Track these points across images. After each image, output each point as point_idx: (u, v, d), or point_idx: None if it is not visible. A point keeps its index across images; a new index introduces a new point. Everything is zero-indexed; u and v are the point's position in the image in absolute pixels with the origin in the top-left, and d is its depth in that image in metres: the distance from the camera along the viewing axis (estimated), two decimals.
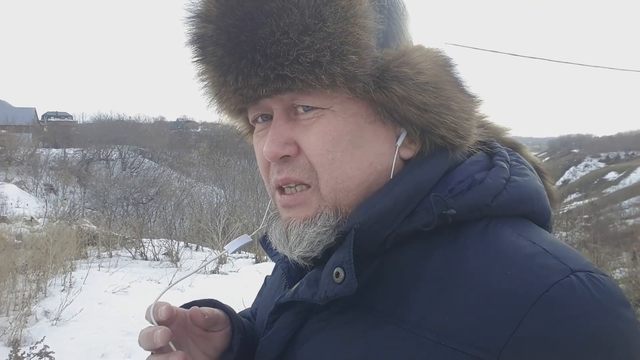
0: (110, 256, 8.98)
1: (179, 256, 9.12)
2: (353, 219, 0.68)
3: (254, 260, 9.80)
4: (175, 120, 56.98)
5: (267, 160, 0.72)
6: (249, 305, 1.13)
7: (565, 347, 0.53)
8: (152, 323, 0.74)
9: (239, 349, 0.82)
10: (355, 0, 0.65)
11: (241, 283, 7.49)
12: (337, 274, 0.64)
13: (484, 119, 0.83)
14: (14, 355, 3.32)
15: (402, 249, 0.67)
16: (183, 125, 51.57)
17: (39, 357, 3.33)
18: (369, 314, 0.66)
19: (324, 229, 0.69)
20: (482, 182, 0.68)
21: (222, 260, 8.98)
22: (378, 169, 0.70)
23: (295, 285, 0.74)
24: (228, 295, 6.75)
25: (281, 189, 0.73)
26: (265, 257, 9.85)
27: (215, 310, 0.83)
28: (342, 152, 0.68)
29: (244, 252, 10.82)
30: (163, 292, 0.83)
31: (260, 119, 0.75)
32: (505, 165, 0.72)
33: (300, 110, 0.69)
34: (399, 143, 0.70)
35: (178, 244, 9.74)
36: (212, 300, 0.88)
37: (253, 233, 0.94)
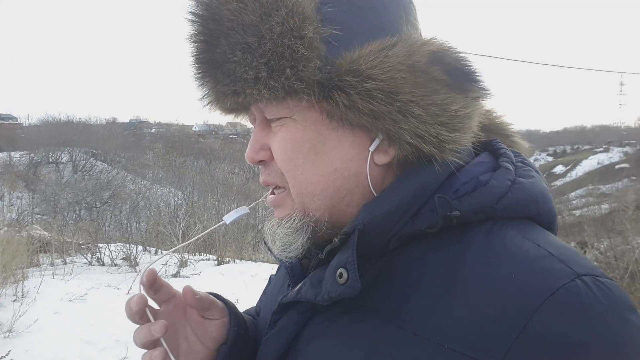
0: (65, 263, 8.62)
1: (138, 260, 8.88)
2: (357, 220, 0.67)
3: (216, 262, 9.66)
4: (128, 120, 55.46)
5: None
6: None
7: (570, 351, 0.54)
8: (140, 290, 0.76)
9: (234, 342, 0.82)
10: (294, 12, 0.65)
11: (204, 286, 7.34)
12: (341, 275, 0.65)
13: (486, 115, 0.81)
14: None
15: (406, 250, 0.68)
16: (137, 126, 50.22)
17: None
18: (372, 315, 0.66)
19: (289, 230, 0.72)
20: (487, 183, 0.67)
21: (182, 264, 8.80)
22: (345, 174, 0.70)
23: (299, 285, 0.74)
24: None
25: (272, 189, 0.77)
26: (227, 259, 9.73)
27: (211, 296, 0.84)
28: (304, 159, 0.70)
29: (205, 254, 10.66)
30: (151, 264, 0.81)
31: (252, 122, 0.78)
32: (510, 166, 0.71)
33: (272, 119, 0.72)
34: (372, 148, 0.69)
35: (136, 248, 9.48)
36: (215, 293, 0.88)
37: (251, 205, 0.94)
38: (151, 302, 0.78)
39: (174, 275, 8.23)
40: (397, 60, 0.66)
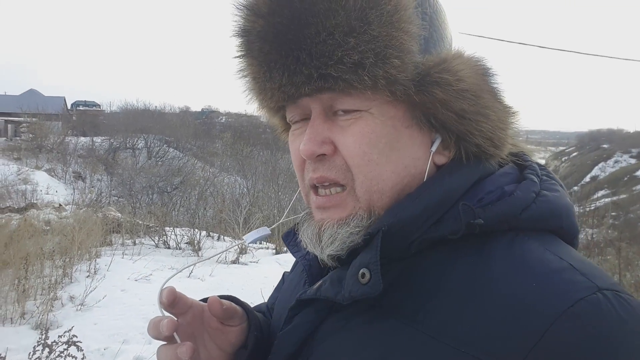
0: (134, 244, 9.17)
1: (201, 245, 9.26)
2: (381, 221, 0.68)
3: (274, 251, 9.89)
4: (200, 110, 57.59)
5: (302, 158, 0.73)
6: (267, 296, 1.14)
7: None
8: (161, 312, 0.75)
9: (254, 347, 0.82)
10: (400, 6, 0.66)
11: (261, 274, 7.58)
12: (363, 275, 0.65)
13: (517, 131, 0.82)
14: (42, 342, 3.42)
15: (427, 255, 0.68)
16: (207, 115, 52.03)
17: (66, 345, 3.43)
18: (389, 317, 0.66)
19: (356, 229, 0.70)
20: (511, 194, 0.68)
21: (242, 251, 9.08)
22: (412, 172, 0.71)
23: (318, 283, 0.75)
24: (247, 285, 6.85)
25: (315, 189, 0.74)
26: (285, 249, 9.92)
27: (234, 305, 0.84)
28: (379, 154, 0.69)
29: (264, 243, 10.92)
30: (168, 280, 0.81)
31: (297, 118, 0.76)
32: (535, 179, 0.72)
33: (340, 112, 0.70)
34: (434, 149, 0.71)
35: (200, 234, 9.88)
36: (231, 296, 0.88)
37: (273, 226, 0.95)
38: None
39: (233, 262, 8.52)
40: (469, 65, 0.71)
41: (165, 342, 0.76)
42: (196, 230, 10.02)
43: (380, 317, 0.67)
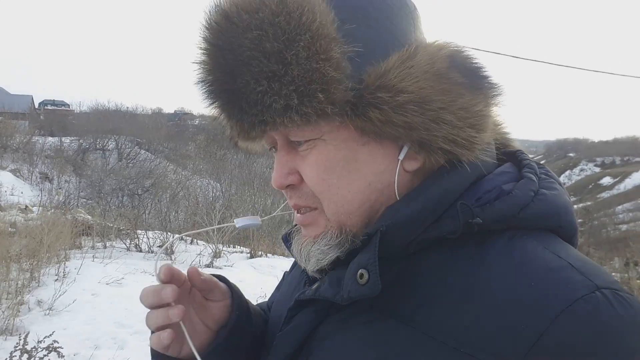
0: (105, 247, 8.96)
1: (174, 249, 9.12)
2: (380, 222, 0.68)
3: (249, 255, 9.81)
4: (172, 112, 56.86)
5: None
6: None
7: None
8: (159, 281, 0.77)
9: (234, 325, 0.83)
10: (318, 35, 0.64)
11: (235, 278, 7.46)
12: (361, 276, 0.65)
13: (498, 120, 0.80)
14: (21, 348, 3.29)
15: (426, 254, 0.68)
16: (181, 117, 51.42)
17: (47, 351, 3.31)
18: (388, 317, 0.66)
19: (326, 247, 0.72)
20: (509, 193, 0.68)
21: (216, 255, 8.99)
22: (379, 187, 0.70)
23: (317, 284, 0.75)
24: None
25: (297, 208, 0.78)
26: (260, 253, 9.86)
27: (215, 279, 0.85)
28: (338, 178, 0.70)
29: (238, 247, 10.83)
30: (162, 249, 0.83)
31: (268, 146, 0.78)
32: (534, 177, 0.71)
33: (296, 142, 0.72)
34: (401, 157, 0.70)
35: (173, 237, 9.73)
36: (220, 276, 0.89)
37: (264, 218, 0.94)
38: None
39: (207, 266, 8.42)
40: (422, 69, 0.66)
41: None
42: (169, 233, 9.87)
43: (379, 317, 0.67)
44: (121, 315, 5.50)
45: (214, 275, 0.87)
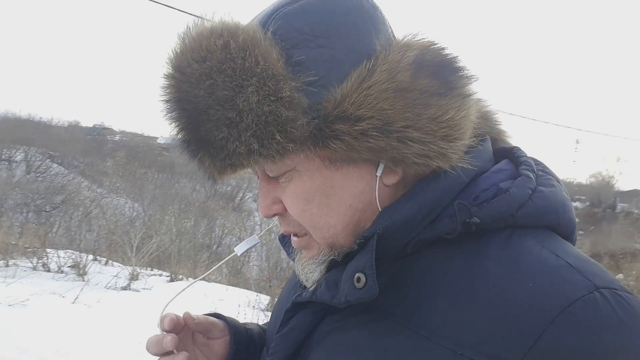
0: (7, 265, 8.18)
1: (87, 270, 8.52)
2: (376, 224, 0.68)
3: (169, 278, 9.37)
4: (92, 125, 53.94)
5: None
6: None
7: None
8: (161, 331, 0.82)
9: (232, 359, 0.89)
10: (265, 76, 0.62)
11: (155, 302, 7.12)
12: (359, 279, 0.65)
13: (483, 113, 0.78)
14: None
15: (423, 255, 0.68)
16: (100, 132, 48.85)
17: None
18: (385, 318, 0.66)
19: (318, 264, 0.75)
20: (507, 191, 0.67)
21: (133, 277, 8.50)
22: (360, 207, 0.70)
23: (314, 286, 0.75)
24: (140, 313, 6.40)
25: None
26: (180, 276, 9.47)
27: (211, 318, 0.90)
28: (318, 207, 0.70)
29: (156, 270, 10.33)
30: (170, 301, 0.87)
31: (253, 174, 0.78)
32: (531, 175, 0.70)
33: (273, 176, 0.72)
34: (379, 173, 0.69)
35: (87, 257, 9.10)
36: (216, 313, 0.95)
37: (260, 234, 0.96)
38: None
39: (124, 288, 7.94)
40: (381, 87, 0.64)
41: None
42: (82, 253, 9.22)
43: (376, 318, 0.67)
44: (25, 339, 5.00)
45: (210, 314, 0.92)
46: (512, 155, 0.77)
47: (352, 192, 0.70)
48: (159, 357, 0.82)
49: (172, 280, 9.20)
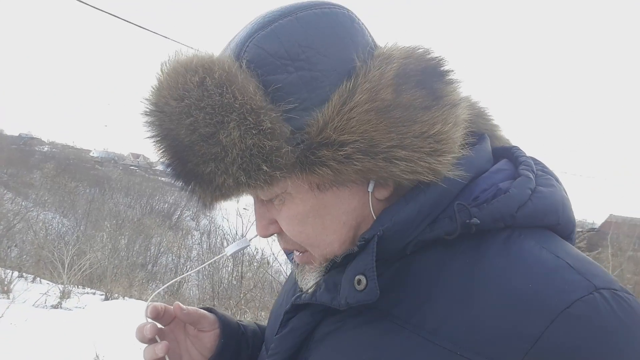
0: None
1: (12, 287, 7.92)
2: (376, 226, 0.67)
3: (103, 297, 8.90)
4: (17, 134, 50.75)
5: None
6: (100, 351, 1.22)
7: None
8: (146, 319, 0.84)
9: (220, 352, 0.89)
10: (244, 111, 0.61)
11: (89, 322, 6.73)
12: (359, 281, 0.64)
13: (473, 106, 0.77)
14: None
15: (423, 256, 0.67)
16: (26, 142, 46.05)
17: None
18: (384, 319, 0.66)
19: (321, 271, 0.75)
20: (506, 191, 0.66)
21: (64, 295, 8.00)
22: (354, 223, 0.70)
23: (313, 288, 0.74)
24: (73, 333, 6.03)
25: None
26: (116, 295, 9.02)
27: (201, 310, 0.90)
28: (313, 228, 0.70)
29: (89, 288, 9.79)
30: (155, 293, 1.01)
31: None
32: (531, 175, 0.70)
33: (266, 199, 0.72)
34: (370, 189, 0.68)
35: (12, 274, 8.47)
36: (209, 307, 0.95)
37: (252, 238, 0.93)
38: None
39: (55, 307, 7.45)
40: (363, 109, 0.62)
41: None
42: (7, 269, 8.58)
43: (376, 319, 0.67)
44: None
45: (203, 307, 0.93)
46: (511, 155, 0.77)
47: (345, 209, 0.69)
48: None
49: (107, 299, 8.73)
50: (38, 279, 9.37)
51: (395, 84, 0.63)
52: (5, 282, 7.90)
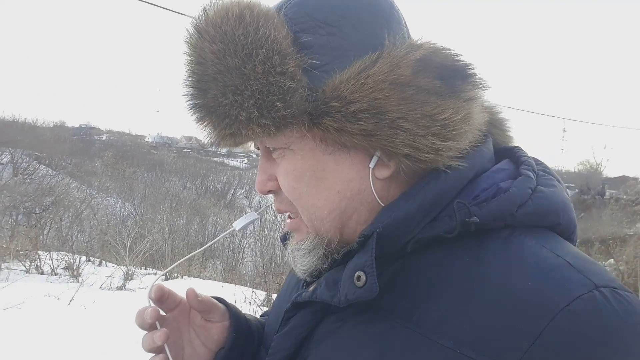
0: None
1: (81, 271, 8.46)
2: (376, 223, 0.67)
3: (164, 277, 9.34)
4: (77, 125, 53.36)
5: None
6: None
7: None
8: (149, 303, 0.81)
9: (231, 347, 0.86)
10: (274, 50, 0.65)
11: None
12: (359, 278, 0.65)
13: (489, 110, 0.78)
14: None
15: (423, 254, 0.67)
16: (86, 132, 48.37)
17: None
18: (385, 317, 0.66)
19: (303, 252, 0.74)
20: (507, 190, 0.67)
21: (128, 277, 8.46)
22: (348, 194, 0.71)
23: (314, 285, 0.74)
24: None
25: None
26: (175, 274, 9.44)
27: (214, 300, 0.88)
28: (307, 187, 0.71)
29: (151, 269, 10.29)
30: (160, 275, 0.95)
31: (256, 148, 0.80)
32: (531, 174, 0.70)
33: (271, 148, 0.74)
34: (372, 165, 0.70)
35: (80, 258, 9.04)
36: (219, 297, 0.92)
37: (260, 210, 0.96)
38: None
39: (119, 288, 7.90)
40: (379, 78, 0.65)
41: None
42: (75, 254, 9.15)
43: (376, 317, 0.67)
44: (22, 343, 4.96)
45: (213, 297, 0.89)
46: (512, 155, 0.77)
47: (342, 178, 0.70)
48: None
49: (167, 279, 9.16)
50: (104, 262, 9.95)
51: (415, 66, 0.66)
52: (75, 267, 8.45)
